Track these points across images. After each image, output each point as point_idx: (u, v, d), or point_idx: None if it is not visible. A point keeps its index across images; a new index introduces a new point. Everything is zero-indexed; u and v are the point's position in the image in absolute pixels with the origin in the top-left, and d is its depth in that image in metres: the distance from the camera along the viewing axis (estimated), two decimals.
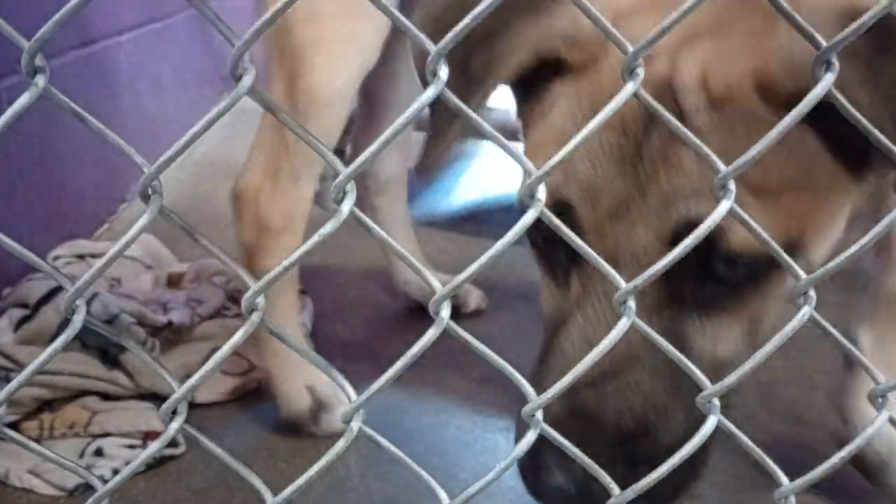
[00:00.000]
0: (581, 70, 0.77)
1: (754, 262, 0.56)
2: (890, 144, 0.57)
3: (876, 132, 0.55)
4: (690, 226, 0.64)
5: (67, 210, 2.03)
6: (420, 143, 0.96)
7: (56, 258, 1.80)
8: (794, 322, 0.58)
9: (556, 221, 0.54)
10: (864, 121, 0.55)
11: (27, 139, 1.80)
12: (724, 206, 0.56)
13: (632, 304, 0.56)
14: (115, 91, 2.42)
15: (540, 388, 0.69)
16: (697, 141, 0.55)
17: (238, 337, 0.53)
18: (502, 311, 1.77)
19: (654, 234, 0.72)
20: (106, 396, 1.36)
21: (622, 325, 0.56)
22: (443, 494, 0.63)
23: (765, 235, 0.58)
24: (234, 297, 1.67)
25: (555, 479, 0.72)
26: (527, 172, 0.54)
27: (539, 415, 0.59)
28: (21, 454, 1.20)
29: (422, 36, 0.49)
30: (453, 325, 0.55)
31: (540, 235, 0.55)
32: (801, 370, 1.48)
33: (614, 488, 0.62)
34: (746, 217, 0.56)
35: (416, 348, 0.54)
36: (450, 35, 0.48)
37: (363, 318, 1.73)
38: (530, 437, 0.60)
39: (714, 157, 0.55)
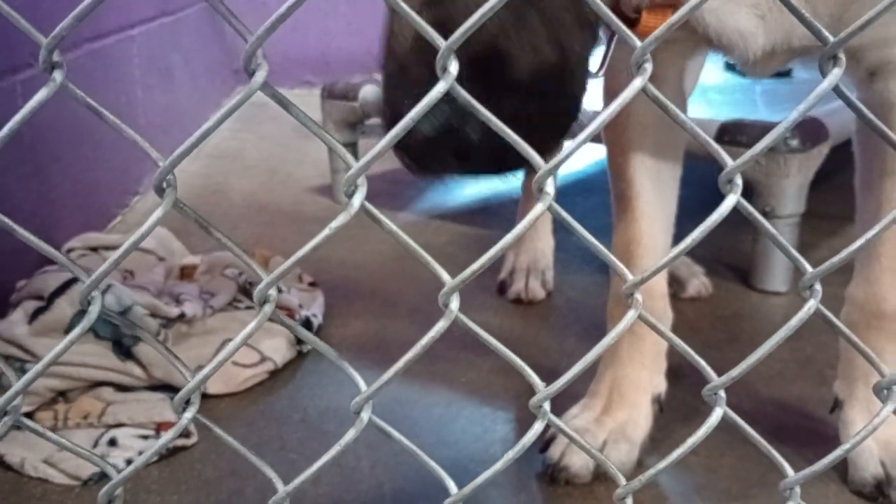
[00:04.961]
0: None
1: None
2: None
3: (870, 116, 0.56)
4: None
5: (80, 203, 2.04)
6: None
7: (69, 251, 1.82)
8: (801, 314, 0.59)
9: (564, 214, 0.55)
10: (869, 114, 0.55)
11: (42, 134, 1.81)
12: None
13: (638, 297, 0.57)
14: (127, 85, 2.43)
15: None
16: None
17: (251, 328, 0.54)
18: (512, 304, 1.78)
19: None
20: (120, 387, 1.38)
21: (630, 316, 0.56)
22: (451, 484, 0.64)
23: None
24: (246, 290, 1.68)
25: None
26: (536, 166, 0.54)
27: (547, 406, 0.60)
28: (36, 444, 1.22)
29: (432, 31, 0.50)
30: (462, 317, 0.56)
31: None
32: (811, 364, 1.48)
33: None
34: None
35: (426, 340, 0.55)
36: (460, 30, 0.49)
37: (374, 311, 1.74)
38: (538, 427, 0.60)
39: None
